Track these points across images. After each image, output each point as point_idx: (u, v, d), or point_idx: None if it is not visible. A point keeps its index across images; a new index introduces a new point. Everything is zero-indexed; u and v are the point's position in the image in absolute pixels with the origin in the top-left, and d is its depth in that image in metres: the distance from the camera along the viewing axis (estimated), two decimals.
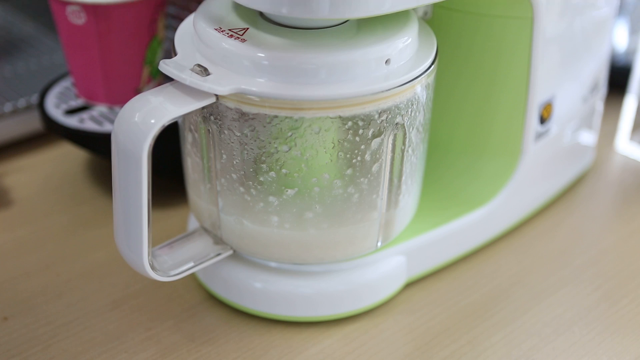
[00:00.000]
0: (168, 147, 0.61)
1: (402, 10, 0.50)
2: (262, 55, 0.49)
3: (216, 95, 0.50)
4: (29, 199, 0.69)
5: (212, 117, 0.51)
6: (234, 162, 0.52)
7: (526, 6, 0.58)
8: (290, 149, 0.51)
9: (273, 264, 0.57)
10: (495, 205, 0.63)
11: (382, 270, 0.58)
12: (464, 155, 0.65)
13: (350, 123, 0.50)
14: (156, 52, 0.67)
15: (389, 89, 0.50)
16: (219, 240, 0.57)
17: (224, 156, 0.52)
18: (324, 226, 0.54)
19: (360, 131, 0.51)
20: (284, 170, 0.51)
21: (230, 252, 0.57)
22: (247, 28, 0.51)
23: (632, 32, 0.83)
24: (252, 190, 0.53)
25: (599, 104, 0.71)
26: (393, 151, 0.53)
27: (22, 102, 0.73)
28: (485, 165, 0.64)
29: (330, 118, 0.50)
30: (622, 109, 0.78)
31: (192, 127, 0.53)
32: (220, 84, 0.49)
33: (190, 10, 0.67)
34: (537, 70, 0.61)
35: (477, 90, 0.63)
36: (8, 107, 0.73)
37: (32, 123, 0.73)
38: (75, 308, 0.59)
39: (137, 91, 0.67)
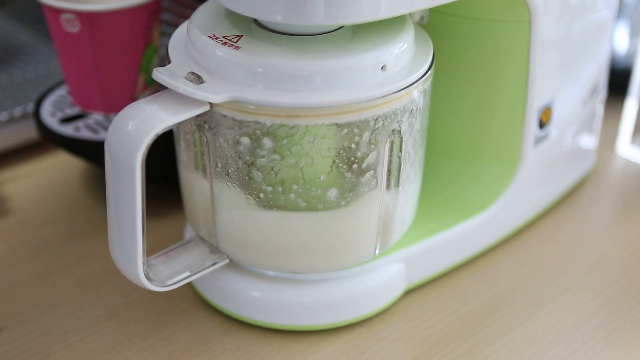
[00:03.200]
0: (164, 155, 0.61)
1: (397, 15, 0.49)
2: (257, 62, 0.49)
3: (210, 103, 0.49)
4: (24, 208, 0.68)
5: (206, 125, 0.51)
6: (229, 170, 0.52)
7: (523, 10, 0.57)
8: (285, 157, 0.50)
9: (270, 273, 0.57)
10: (494, 211, 0.63)
11: (381, 278, 0.58)
12: (462, 161, 0.65)
13: (346, 130, 0.50)
14: (152, 59, 0.66)
15: (385, 96, 0.50)
16: (215, 249, 0.56)
17: (219, 164, 0.52)
18: (321, 234, 0.53)
19: (357, 138, 0.50)
20: (279, 178, 0.51)
21: (227, 261, 0.56)
22: (241, 35, 0.51)
23: (633, 34, 0.83)
24: (247, 198, 0.52)
25: (599, 107, 0.71)
26: (390, 158, 0.53)
27: (17, 111, 0.73)
28: (484, 171, 0.64)
29: (326, 125, 0.49)
30: (623, 112, 0.78)
31: (186, 135, 0.53)
32: (214, 92, 0.49)
33: (185, 17, 0.67)
34: (536, 74, 0.60)
35: (475, 96, 0.62)
36: (4, 115, 0.72)
37: (27, 132, 0.73)
38: (71, 318, 0.58)
39: (133, 99, 0.67)
